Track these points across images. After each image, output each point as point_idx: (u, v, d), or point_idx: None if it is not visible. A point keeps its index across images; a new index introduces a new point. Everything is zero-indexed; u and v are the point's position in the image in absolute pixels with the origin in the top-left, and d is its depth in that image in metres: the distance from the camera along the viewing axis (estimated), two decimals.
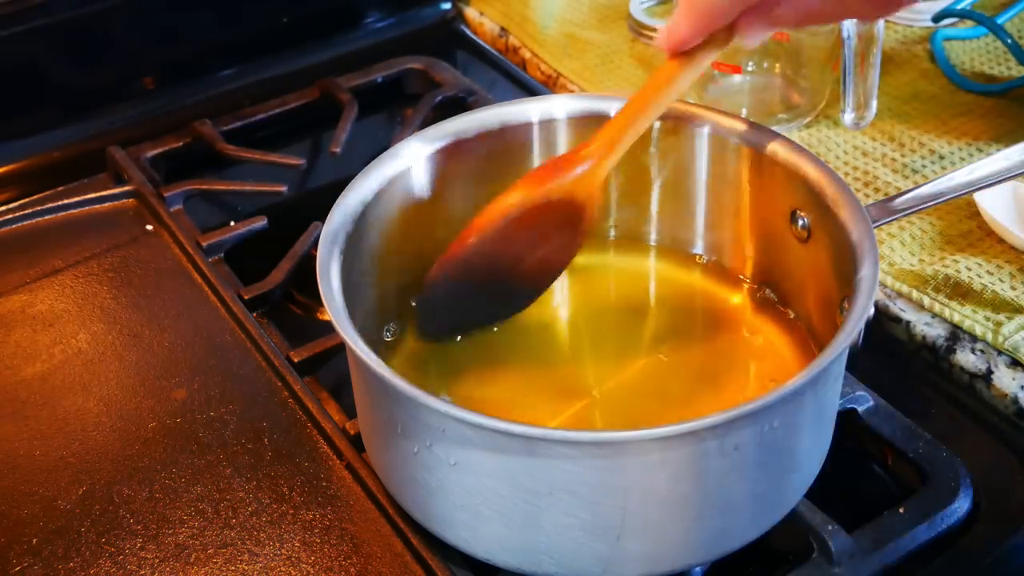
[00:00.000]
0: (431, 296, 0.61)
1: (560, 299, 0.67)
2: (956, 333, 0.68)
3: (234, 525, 0.59)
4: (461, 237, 0.59)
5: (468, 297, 0.61)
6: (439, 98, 0.91)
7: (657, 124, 0.64)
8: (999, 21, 0.90)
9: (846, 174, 0.80)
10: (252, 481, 0.61)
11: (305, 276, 0.74)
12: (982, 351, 0.67)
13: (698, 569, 0.55)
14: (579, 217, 0.60)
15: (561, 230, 0.60)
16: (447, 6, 1.05)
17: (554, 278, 0.64)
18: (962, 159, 0.81)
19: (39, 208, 0.80)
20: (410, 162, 0.62)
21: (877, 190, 0.79)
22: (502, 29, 1.02)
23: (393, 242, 0.63)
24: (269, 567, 0.57)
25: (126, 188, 0.82)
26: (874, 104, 0.80)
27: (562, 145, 0.66)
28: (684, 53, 0.56)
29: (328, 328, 0.60)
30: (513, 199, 0.58)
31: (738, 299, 0.66)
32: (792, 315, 0.64)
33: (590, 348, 0.65)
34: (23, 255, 0.77)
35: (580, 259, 0.68)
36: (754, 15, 0.55)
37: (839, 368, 0.55)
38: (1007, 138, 0.82)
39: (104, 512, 0.60)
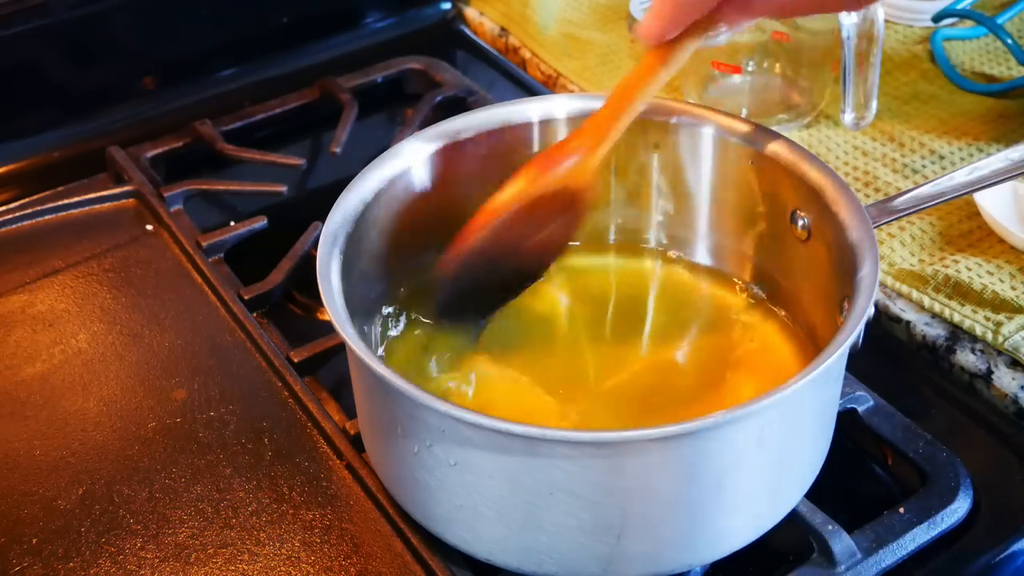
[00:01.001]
0: (443, 285, 0.61)
1: (561, 301, 0.67)
2: (956, 333, 0.68)
3: (234, 525, 0.59)
4: (465, 232, 0.59)
5: (479, 283, 0.62)
6: (439, 98, 0.91)
7: (657, 124, 0.64)
8: (999, 21, 0.90)
9: (846, 174, 0.80)
10: (252, 481, 0.61)
11: (305, 276, 0.74)
12: (982, 351, 0.67)
13: (698, 569, 0.55)
14: (576, 201, 0.61)
15: (560, 214, 0.61)
16: (447, 6, 1.05)
17: (556, 256, 0.65)
18: (962, 159, 0.81)
19: (39, 208, 0.80)
20: (410, 162, 0.62)
21: (877, 190, 0.79)
22: (502, 29, 1.02)
23: (393, 242, 0.63)
24: (269, 567, 0.57)
25: (126, 188, 0.81)
26: (874, 104, 0.80)
27: None
28: (665, 44, 0.57)
29: (328, 328, 0.60)
30: (512, 194, 0.59)
31: (738, 299, 0.66)
32: (792, 315, 0.63)
33: (591, 349, 0.65)
34: (23, 255, 0.77)
35: (581, 261, 0.68)
36: (733, 5, 0.56)
37: (839, 368, 0.55)
38: (1007, 138, 0.82)
39: (104, 512, 0.60)
